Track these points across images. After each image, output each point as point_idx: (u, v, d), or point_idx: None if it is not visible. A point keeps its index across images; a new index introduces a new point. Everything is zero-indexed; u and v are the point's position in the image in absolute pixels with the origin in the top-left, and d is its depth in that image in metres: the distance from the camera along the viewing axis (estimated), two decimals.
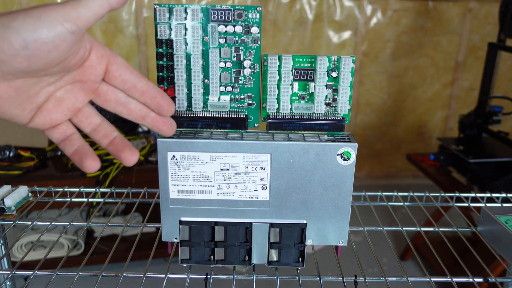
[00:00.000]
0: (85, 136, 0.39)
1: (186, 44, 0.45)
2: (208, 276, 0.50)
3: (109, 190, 0.68)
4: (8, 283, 0.62)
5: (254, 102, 0.48)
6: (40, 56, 0.30)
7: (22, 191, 0.62)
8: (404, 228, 0.61)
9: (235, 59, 0.46)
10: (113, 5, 0.32)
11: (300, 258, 0.50)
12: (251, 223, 0.48)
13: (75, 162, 0.36)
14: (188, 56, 0.45)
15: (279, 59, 0.46)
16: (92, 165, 0.36)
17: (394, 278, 0.51)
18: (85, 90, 0.36)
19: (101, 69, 0.35)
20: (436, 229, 0.60)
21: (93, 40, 0.34)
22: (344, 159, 0.45)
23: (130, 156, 0.37)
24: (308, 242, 0.49)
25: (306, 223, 0.48)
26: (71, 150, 0.36)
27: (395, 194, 0.70)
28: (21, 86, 0.32)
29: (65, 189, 0.67)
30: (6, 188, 0.63)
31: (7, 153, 1.60)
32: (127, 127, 1.83)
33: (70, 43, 0.31)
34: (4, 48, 0.29)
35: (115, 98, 0.37)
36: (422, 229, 0.61)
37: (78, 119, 0.37)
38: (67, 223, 0.61)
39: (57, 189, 0.67)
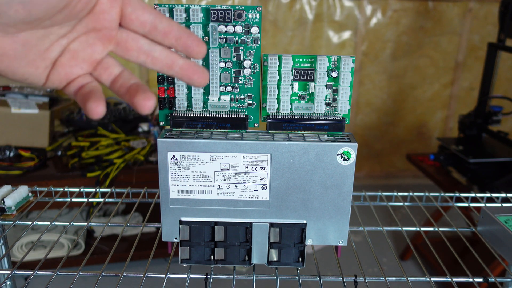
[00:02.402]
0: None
1: None
2: (208, 276, 0.50)
3: (109, 190, 0.68)
4: (8, 283, 0.62)
5: (254, 102, 0.48)
6: (37, 1, 0.27)
7: (22, 191, 0.62)
8: (404, 228, 0.61)
9: (235, 59, 0.46)
10: None
11: (300, 258, 0.50)
12: (251, 223, 0.48)
13: (78, 102, 0.32)
14: None
15: (279, 59, 0.46)
16: (94, 107, 0.31)
17: (394, 278, 0.51)
18: (101, 39, 0.32)
19: (115, 13, 0.31)
20: (436, 229, 0.60)
21: None
22: (344, 159, 0.45)
23: (142, 101, 0.31)
24: (308, 242, 0.49)
25: (306, 223, 0.48)
26: (76, 90, 0.32)
27: (395, 194, 0.70)
28: (28, 40, 0.29)
29: (65, 189, 0.67)
30: (6, 188, 0.63)
31: (7, 153, 1.60)
32: (127, 127, 1.83)
33: None
34: None
35: (136, 45, 0.33)
36: (422, 229, 0.61)
37: (97, 72, 0.33)
38: (67, 223, 0.61)
39: (57, 189, 0.68)
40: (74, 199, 0.67)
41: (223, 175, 0.46)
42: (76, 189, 0.68)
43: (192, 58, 0.36)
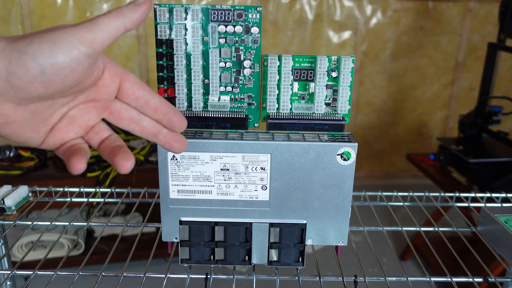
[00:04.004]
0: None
1: (186, 44, 0.45)
2: (208, 276, 0.50)
3: (109, 190, 0.68)
4: (8, 283, 0.62)
5: (254, 102, 0.48)
6: (57, 81, 0.30)
7: (22, 191, 0.62)
8: (404, 228, 0.61)
9: (235, 59, 0.46)
10: (129, 26, 0.32)
11: (300, 258, 0.50)
12: (251, 223, 0.48)
13: (63, 157, 0.35)
14: (188, 56, 0.45)
15: (279, 59, 0.46)
16: (76, 163, 0.33)
17: (394, 278, 0.51)
18: (98, 108, 0.35)
19: (114, 87, 0.35)
20: (436, 229, 0.60)
21: (105, 58, 0.34)
22: (344, 159, 0.45)
23: (122, 160, 0.35)
24: (308, 242, 0.49)
25: (306, 223, 0.48)
26: (65, 150, 0.35)
27: (395, 194, 0.70)
28: (36, 109, 0.32)
29: (65, 189, 0.67)
30: (6, 188, 0.63)
31: (7, 153, 1.60)
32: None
33: (86, 66, 0.31)
34: (20, 75, 0.28)
35: (128, 115, 0.36)
36: (422, 229, 0.61)
37: (88, 136, 0.36)
38: (67, 223, 0.61)
39: (57, 189, 0.68)
40: (74, 199, 0.67)
41: (223, 175, 0.46)
42: (76, 189, 0.68)
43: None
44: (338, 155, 0.45)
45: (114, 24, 0.31)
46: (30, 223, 0.60)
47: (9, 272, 0.51)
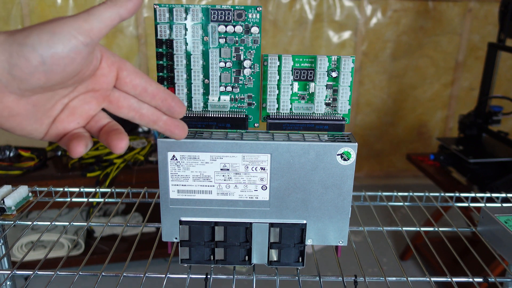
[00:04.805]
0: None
1: (186, 44, 0.45)
2: (208, 276, 0.50)
3: (109, 190, 0.68)
4: (8, 283, 0.62)
5: (254, 102, 0.48)
6: (57, 71, 0.30)
7: (22, 191, 0.62)
8: (404, 228, 0.61)
9: (235, 59, 0.46)
10: (124, 15, 0.33)
11: (300, 258, 0.50)
12: (251, 223, 0.48)
13: (63, 144, 0.36)
14: (188, 56, 0.45)
15: (279, 59, 0.46)
16: (75, 146, 0.34)
17: (394, 278, 0.51)
18: (97, 98, 0.36)
19: (112, 76, 0.35)
20: (436, 229, 0.60)
21: (102, 48, 0.34)
22: (344, 159, 0.45)
23: (116, 141, 0.35)
24: (308, 242, 0.49)
25: (306, 223, 0.48)
26: (66, 139, 0.36)
27: (395, 194, 0.70)
28: (38, 101, 0.32)
29: (65, 189, 0.67)
30: (6, 188, 0.63)
31: (7, 153, 1.60)
32: (127, 127, 1.83)
33: (85, 55, 0.31)
34: (22, 66, 0.29)
35: (127, 104, 0.37)
36: (422, 229, 0.61)
37: (89, 125, 0.37)
38: (67, 223, 0.61)
39: (57, 189, 0.68)
40: (74, 199, 0.67)
41: (223, 175, 0.46)
42: (76, 189, 0.68)
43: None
44: (338, 155, 0.45)
45: (110, 13, 0.32)
46: (30, 223, 0.60)
47: (9, 272, 0.51)
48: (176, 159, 0.45)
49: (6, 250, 0.62)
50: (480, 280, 0.51)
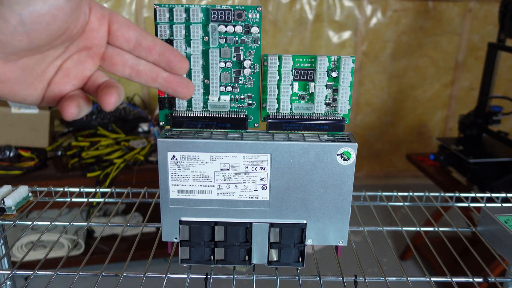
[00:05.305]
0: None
1: (186, 44, 0.45)
2: (208, 276, 0.50)
3: (109, 190, 0.68)
4: (8, 283, 0.62)
5: (254, 102, 0.48)
6: (40, 30, 0.28)
7: (22, 191, 0.62)
8: (404, 228, 0.61)
9: (235, 59, 0.46)
10: None
11: (300, 258, 0.50)
12: (251, 223, 0.48)
13: (58, 106, 0.33)
14: (188, 56, 0.45)
15: (279, 59, 0.46)
16: (66, 107, 0.32)
17: (394, 278, 0.51)
18: (91, 57, 0.34)
19: (103, 31, 0.33)
20: (436, 229, 0.60)
21: (90, 1, 0.32)
22: (344, 159, 0.45)
23: (104, 96, 0.33)
24: (308, 242, 0.49)
25: (306, 223, 0.48)
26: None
27: (395, 194, 0.70)
28: (27, 65, 0.31)
29: (65, 189, 0.67)
30: (6, 188, 0.63)
31: (7, 153, 1.60)
32: (127, 127, 1.83)
33: (68, 12, 0.29)
34: (1, 27, 0.27)
35: (121, 60, 0.34)
36: (422, 229, 0.61)
37: (87, 87, 0.35)
38: (67, 223, 0.61)
39: (57, 189, 0.67)
40: (74, 199, 0.67)
41: (223, 175, 0.46)
42: (76, 189, 0.68)
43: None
44: (338, 155, 0.45)
45: None
46: (30, 223, 0.60)
47: (9, 272, 0.51)
48: (176, 159, 0.45)
49: (6, 250, 0.62)
50: (480, 280, 0.51)
